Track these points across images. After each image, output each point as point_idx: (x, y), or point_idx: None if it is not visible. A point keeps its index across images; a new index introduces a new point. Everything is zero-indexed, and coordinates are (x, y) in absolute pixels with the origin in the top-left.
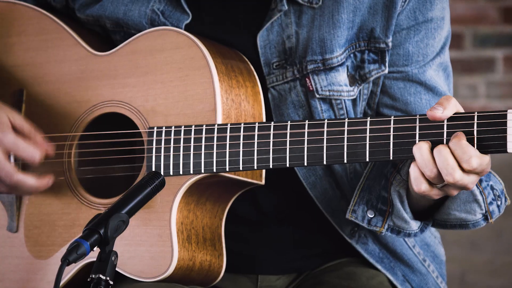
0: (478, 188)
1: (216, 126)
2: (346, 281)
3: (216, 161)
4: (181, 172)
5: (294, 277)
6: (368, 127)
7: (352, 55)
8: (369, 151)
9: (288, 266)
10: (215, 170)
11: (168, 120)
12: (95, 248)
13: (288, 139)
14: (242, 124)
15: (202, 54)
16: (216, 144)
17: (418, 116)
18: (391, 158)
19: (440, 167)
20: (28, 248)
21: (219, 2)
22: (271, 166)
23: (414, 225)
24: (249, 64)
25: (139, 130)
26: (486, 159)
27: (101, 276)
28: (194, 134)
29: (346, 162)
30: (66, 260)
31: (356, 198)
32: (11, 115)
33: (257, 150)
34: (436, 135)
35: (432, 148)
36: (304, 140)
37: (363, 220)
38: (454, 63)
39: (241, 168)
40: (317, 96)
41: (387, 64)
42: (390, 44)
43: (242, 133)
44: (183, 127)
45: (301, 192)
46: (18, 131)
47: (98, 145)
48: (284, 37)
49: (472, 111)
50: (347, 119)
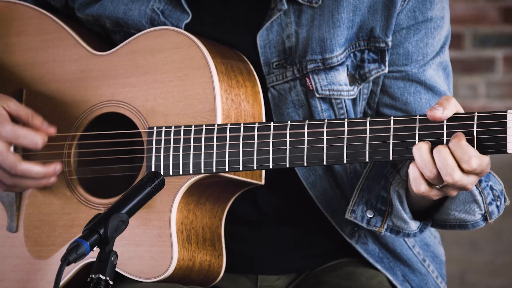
0: (478, 188)
1: (216, 126)
2: (346, 281)
3: (216, 161)
4: (180, 172)
5: (294, 277)
6: (368, 127)
7: (352, 54)
8: (369, 151)
9: (288, 266)
10: (214, 170)
11: (168, 120)
12: (95, 248)
13: (288, 139)
14: (242, 124)
15: (202, 54)
16: (216, 144)
17: (418, 117)
18: (391, 159)
19: (440, 167)
20: (28, 248)
21: (219, 2)
22: (271, 166)
23: (414, 225)
24: (249, 64)
25: (138, 130)
26: (486, 159)
27: (101, 276)
28: (194, 134)
29: (346, 162)
30: (66, 260)
31: (355, 198)
32: (5, 104)
33: (257, 150)
34: (436, 136)
35: (432, 149)
36: (304, 140)
37: (362, 220)
38: (454, 63)
39: (241, 168)
40: (317, 95)
41: (387, 63)
42: (390, 44)
43: (242, 133)
44: (182, 127)
45: (301, 192)
46: (16, 118)
47: (98, 145)
48: (284, 36)
49: (472, 111)
50: (347, 119)
